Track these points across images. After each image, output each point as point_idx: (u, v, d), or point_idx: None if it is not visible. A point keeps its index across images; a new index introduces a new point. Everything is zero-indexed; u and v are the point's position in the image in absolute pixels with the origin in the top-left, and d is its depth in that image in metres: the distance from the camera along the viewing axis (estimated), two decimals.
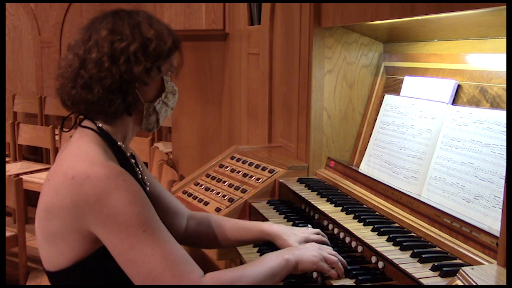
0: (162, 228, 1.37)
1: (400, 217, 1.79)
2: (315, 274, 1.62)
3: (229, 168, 2.67)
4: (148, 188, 1.68)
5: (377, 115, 2.29)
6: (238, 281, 1.39)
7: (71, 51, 1.49)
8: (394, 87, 2.28)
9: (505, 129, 1.59)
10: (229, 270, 1.43)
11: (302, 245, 1.62)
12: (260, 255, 1.88)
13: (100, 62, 1.42)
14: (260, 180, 2.41)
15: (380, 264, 1.60)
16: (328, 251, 1.60)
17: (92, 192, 1.31)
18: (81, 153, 1.40)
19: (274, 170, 2.45)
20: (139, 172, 1.66)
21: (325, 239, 1.77)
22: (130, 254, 1.31)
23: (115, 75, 1.42)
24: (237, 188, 2.44)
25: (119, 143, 1.53)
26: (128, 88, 1.46)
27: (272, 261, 1.48)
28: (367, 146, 2.30)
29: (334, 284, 1.55)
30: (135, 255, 1.31)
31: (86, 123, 1.51)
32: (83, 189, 1.31)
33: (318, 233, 1.77)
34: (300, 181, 2.33)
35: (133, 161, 1.62)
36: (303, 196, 2.13)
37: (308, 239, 1.72)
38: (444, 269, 1.40)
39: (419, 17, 1.73)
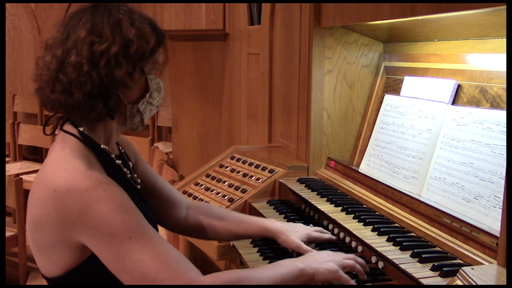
0: (149, 232, 1.34)
1: (400, 217, 1.79)
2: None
3: (229, 168, 2.67)
4: (139, 186, 1.62)
5: (377, 115, 2.29)
6: (240, 281, 1.34)
7: (49, 51, 1.41)
8: (394, 87, 2.28)
9: (505, 129, 1.59)
10: (233, 271, 1.41)
11: (317, 254, 1.54)
12: (260, 255, 1.89)
13: (79, 65, 1.35)
14: (260, 180, 2.41)
15: (380, 264, 1.60)
16: (343, 256, 1.53)
17: (74, 206, 1.29)
18: (62, 163, 1.36)
19: (274, 170, 2.45)
20: (128, 172, 1.59)
21: (328, 235, 1.76)
22: (120, 262, 1.29)
23: (95, 80, 1.35)
24: (237, 188, 2.44)
25: (102, 146, 1.48)
26: (110, 93, 1.39)
27: (284, 268, 1.42)
28: (367, 146, 2.30)
29: (334, 284, 1.54)
30: (125, 262, 1.29)
31: (67, 127, 1.46)
32: (65, 203, 1.29)
33: (320, 231, 1.76)
34: (300, 181, 2.33)
35: (119, 162, 1.56)
36: (303, 196, 2.13)
37: (310, 236, 1.71)
38: (444, 269, 1.40)
39: (419, 17, 1.73)
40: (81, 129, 1.44)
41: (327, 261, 1.48)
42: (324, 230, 1.78)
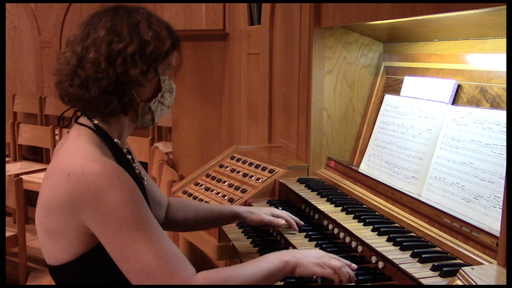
0: (155, 226, 1.38)
1: (400, 217, 1.79)
2: (320, 280, 1.61)
3: (229, 168, 2.67)
4: (145, 182, 1.70)
5: (377, 115, 2.29)
6: (229, 281, 1.38)
7: (70, 47, 1.48)
8: (394, 87, 2.28)
9: (505, 129, 1.59)
10: (222, 269, 1.43)
11: (305, 250, 1.60)
12: (260, 255, 1.88)
13: (97, 62, 1.42)
14: (260, 180, 2.41)
15: (380, 264, 1.60)
16: (331, 256, 1.54)
17: (87, 189, 1.32)
18: (77, 150, 1.41)
19: (274, 170, 2.45)
20: (136, 167, 1.67)
21: (292, 219, 1.91)
22: (124, 251, 1.33)
23: (111, 77, 1.42)
24: (237, 188, 2.44)
25: (115, 139, 1.54)
26: (124, 89, 1.46)
27: (269, 262, 1.46)
28: (367, 146, 2.30)
29: (334, 284, 1.54)
30: (128, 252, 1.33)
31: (82, 120, 1.51)
32: (78, 186, 1.33)
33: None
34: (300, 181, 2.33)
35: (129, 156, 1.63)
36: (303, 196, 2.13)
37: (272, 212, 1.91)
38: (444, 269, 1.40)
39: (419, 17, 1.73)
40: (95, 122, 1.50)
41: (311, 257, 1.51)
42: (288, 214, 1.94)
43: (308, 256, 1.51)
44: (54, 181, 1.38)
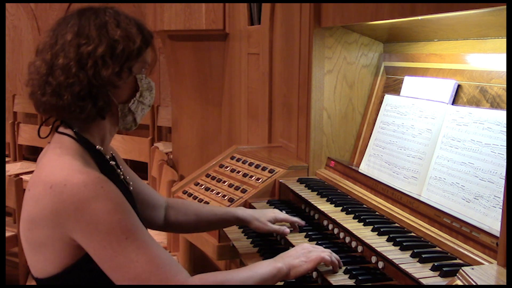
0: (144, 232, 1.37)
1: (400, 217, 1.79)
2: (315, 274, 1.64)
3: (229, 168, 2.67)
4: (131, 188, 1.66)
5: (377, 115, 2.29)
6: (224, 282, 1.40)
7: (39, 56, 1.45)
8: (394, 87, 2.28)
9: (505, 129, 1.59)
10: (218, 273, 1.45)
11: (292, 250, 1.60)
12: (260, 255, 1.89)
13: (67, 68, 1.38)
14: (260, 180, 2.41)
15: (380, 264, 1.60)
16: (319, 250, 1.59)
17: (71, 201, 1.30)
18: (58, 161, 1.38)
19: (274, 170, 2.45)
20: (121, 173, 1.63)
21: (295, 218, 1.89)
22: (114, 260, 1.31)
23: (83, 81, 1.39)
24: (237, 188, 2.44)
25: (97, 146, 1.50)
26: (98, 93, 1.42)
27: (263, 268, 1.48)
28: (367, 146, 2.30)
29: (334, 284, 1.55)
30: (119, 261, 1.31)
31: (62, 129, 1.48)
32: (61, 198, 1.30)
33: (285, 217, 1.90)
34: (300, 181, 2.33)
35: (113, 163, 1.59)
36: (303, 196, 2.13)
37: (276, 218, 1.88)
38: (444, 269, 1.40)
39: (419, 17, 1.73)
40: (75, 130, 1.47)
41: (299, 257, 1.55)
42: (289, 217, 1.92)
43: (296, 256, 1.55)
44: (37, 193, 1.36)
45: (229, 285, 1.40)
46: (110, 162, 1.57)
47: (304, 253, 1.56)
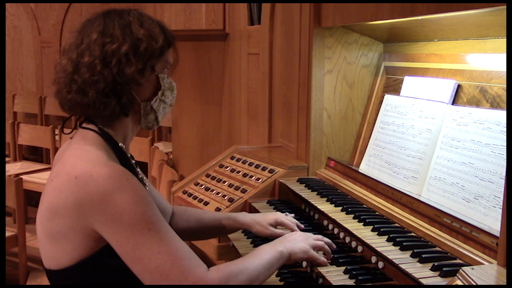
0: (166, 226, 1.39)
1: (400, 217, 1.79)
2: (304, 264, 1.72)
3: (229, 168, 2.67)
4: (147, 188, 1.69)
5: (377, 115, 2.29)
6: (240, 273, 1.42)
7: (65, 55, 1.50)
8: (394, 87, 2.28)
9: (505, 129, 1.59)
10: (231, 263, 1.46)
11: (290, 235, 1.65)
12: None
13: (92, 66, 1.43)
14: (260, 180, 2.41)
15: (380, 264, 1.60)
16: (313, 237, 1.66)
17: (96, 191, 1.32)
18: (83, 154, 1.41)
19: (274, 170, 2.45)
20: (140, 172, 1.67)
21: (295, 227, 1.86)
22: (137, 252, 1.33)
23: (107, 78, 1.43)
24: (237, 188, 2.44)
25: (120, 144, 1.54)
26: (122, 90, 1.46)
27: (267, 253, 1.52)
28: (367, 146, 2.30)
29: (334, 284, 1.55)
30: (141, 252, 1.33)
31: (86, 124, 1.52)
32: (86, 188, 1.32)
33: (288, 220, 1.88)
34: (300, 181, 2.33)
35: (133, 161, 1.64)
36: (303, 196, 2.13)
37: (278, 220, 1.85)
38: (444, 269, 1.40)
39: (419, 17, 1.73)
40: (100, 126, 1.50)
41: (299, 241, 1.61)
42: (293, 220, 1.90)
43: (296, 242, 1.60)
44: (60, 183, 1.38)
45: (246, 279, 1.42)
46: (131, 161, 1.61)
47: (302, 239, 1.62)
